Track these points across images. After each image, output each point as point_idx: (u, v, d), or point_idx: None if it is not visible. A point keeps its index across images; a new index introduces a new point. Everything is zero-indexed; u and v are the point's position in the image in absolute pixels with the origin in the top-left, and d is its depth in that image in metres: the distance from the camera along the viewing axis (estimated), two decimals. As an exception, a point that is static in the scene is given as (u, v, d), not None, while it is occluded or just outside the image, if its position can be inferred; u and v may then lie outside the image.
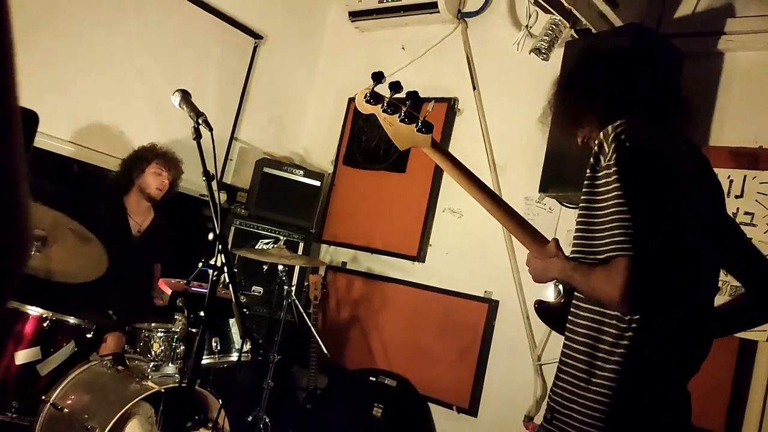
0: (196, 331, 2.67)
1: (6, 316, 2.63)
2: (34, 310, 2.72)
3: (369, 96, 1.75)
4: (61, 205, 2.87)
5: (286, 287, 3.57)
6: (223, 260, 1.97)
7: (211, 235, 1.98)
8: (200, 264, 2.32)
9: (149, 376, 2.70)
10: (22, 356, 2.66)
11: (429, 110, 1.71)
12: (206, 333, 2.02)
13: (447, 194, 3.87)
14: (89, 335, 2.86)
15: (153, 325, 2.86)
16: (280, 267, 3.51)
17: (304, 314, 3.68)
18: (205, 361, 2.88)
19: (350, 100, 4.44)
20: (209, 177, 2.01)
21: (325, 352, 3.63)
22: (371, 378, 3.75)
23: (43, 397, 2.65)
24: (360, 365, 3.94)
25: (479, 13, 3.97)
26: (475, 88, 3.90)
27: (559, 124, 1.69)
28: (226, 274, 1.99)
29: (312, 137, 4.71)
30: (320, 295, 3.93)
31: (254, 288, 3.92)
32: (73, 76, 3.50)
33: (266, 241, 3.96)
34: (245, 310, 3.14)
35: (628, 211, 1.28)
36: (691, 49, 2.98)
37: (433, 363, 3.69)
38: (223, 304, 2.17)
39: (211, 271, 1.96)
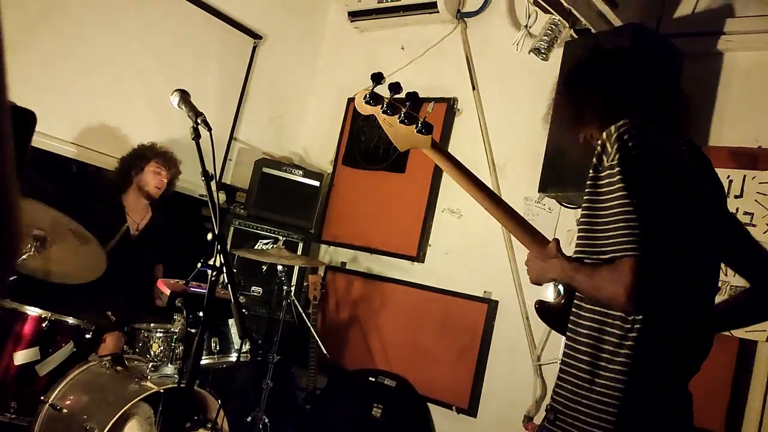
0: (195, 332, 2.68)
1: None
2: (33, 311, 2.71)
3: (368, 97, 1.74)
4: (61, 204, 2.87)
5: (285, 287, 3.56)
6: (222, 260, 1.96)
7: (210, 236, 1.97)
8: (199, 264, 2.31)
9: (148, 377, 2.70)
10: (20, 357, 2.66)
11: (429, 111, 1.71)
12: (205, 333, 2.02)
13: (446, 194, 3.87)
14: (88, 336, 2.86)
15: (152, 325, 2.85)
16: (279, 267, 3.51)
17: (303, 314, 3.68)
18: (204, 362, 2.88)
19: (350, 100, 4.44)
20: (208, 177, 2.01)
21: (325, 352, 3.63)
22: (370, 378, 3.75)
23: (42, 397, 2.65)
24: (359, 365, 3.93)
25: (479, 13, 3.97)
26: (474, 88, 3.90)
27: (560, 123, 1.69)
28: (225, 274, 1.98)
29: (311, 137, 4.71)
30: (319, 295, 3.92)
31: (253, 288, 3.91)
32: (73, 76, 3.49)
33: (265, 241, 3.96)
34: (244, 310, 3.14)
35: (633, 212, 1.28)
36: (691, 49, 2.98)
37: (433, 363, 3.69)
38: (222, 304, 2.17)
39: (210, 271, 1.96)
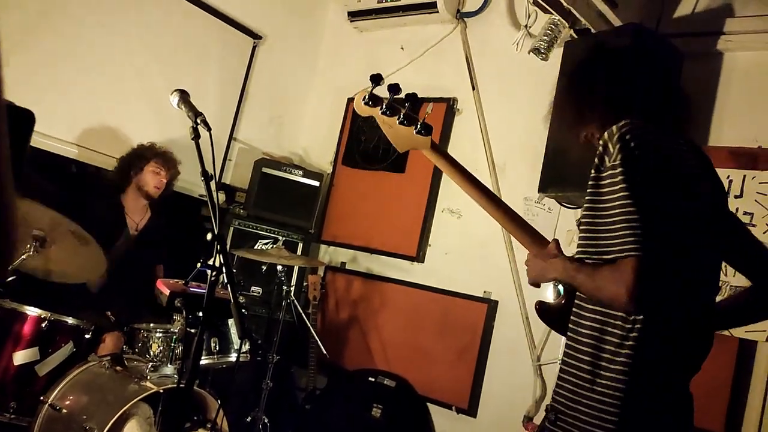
0: (195, 332, 2.68)
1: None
2: (33, 311, 2.71)
3: (368, 98, 1.74)
4: (60, 204, 2.86)
5: (285, 287, 3.56)
6: (222, 260, 1.96)
7: (209, 236, 1.97)
8: (198, 264, 2.31)
9: (148, 377, 2.70)
10: (20, 357, 2.66)
11: (428, 112, 1.71)
12: (205, 333, 2.02)
13: (446, 194, 3.87)
14: (88, 336, 2.85)
15: (152, 325, 2.85)
16: (279, 267, 3.50)
17: (303, 314, 3.68)
18: (203, 362, 2.88)
19: (349, 100, 4.44)
20: (207, 177, 2.01)
21: (324, 352, 3.63)
22: (370, 378, 3.75)
23: (42, 397, 2.64)
24: (359, 365, 3.93)
25: (478, 13, 3.97)
26: (474, 88, 3.89)
27: (561, 123, 1.69)
28: (224, 274, 1.98)
29: (311, 137, 4.70)
30: (319, 295, 3.92)
31: (253, 288, 3.91)
32: (73, 76, 3.49)
33: (265, 241, 3.95)
34: (244, 310, 3.15)
35: (635, 212, 1.28)
36: (691, 49, 2.98)
37: (433, 363, 3.68)
38: (222, 304, 2.17)
39: (209, 271, 1.95)
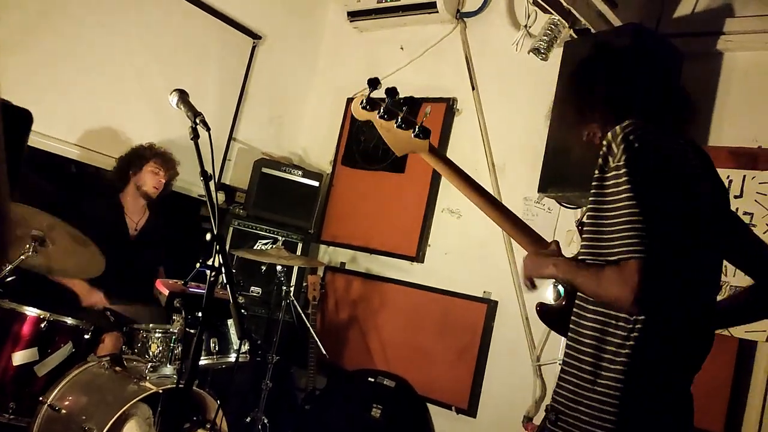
0: (194, 332, 2.67)
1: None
2: (32, 311, 2.71)
3: (365, 102, 1.74)
4: (60, 204, 2.86)
5: (284, 288, 3.56)
6: (221, 261, 1.96)
7: (208, 236, 1.97)
8: (198, 264, 2.31)
9: (147, 377, 2.69)
10: (19, 357, 2.65)
11: (426, 115, 1.72)
12: (204, 334, 2.01)
13: (446, 194, 3.87)
14: (87, 336, 2.85)
15: (151, 325, 2.84)
16: (278, 267, 3.50)
17: (302, 315, 3.68)
18: (203, 362, 2.87)
19: (349, 100, 4.44)
20: (207, 177, 2.00)
21: (324, 352, 3.62)
22: (370, 378, 3.74)
23: (41, 398, 2.64)
24: (358, 366, 3.93)
25: (478, 13, 3.97)
26: (474, 88, 3.89)
27: (562, 121, 1.69)
28: (223, 274, 1.98)
29: (311, 137, 4.70)
30: (319, 295, 3.92)
31: (253, 288, 3.91)
32: (73, 76, 3.49)
33: (265, 241, 3.95)
34: (243, 310, 3.14)
35: (639, 213, 1.28)
36: (691, 49, 2.98)
37: (432, 363, 3.68)
38: (221, 304, 2.17)
39: (208, 271, 1.95)
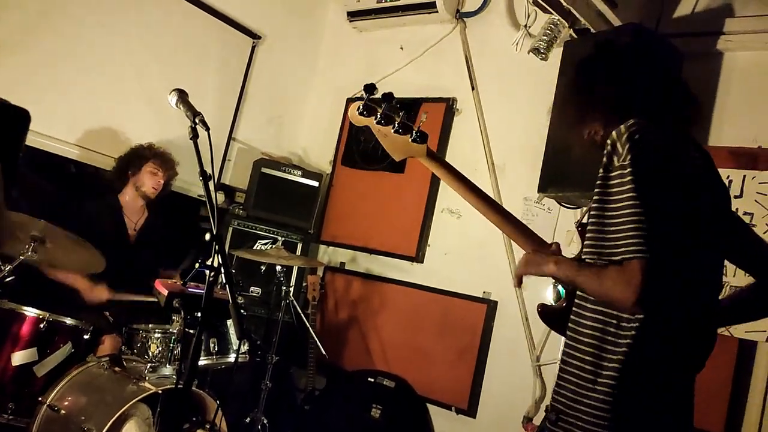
0: (193, 332, 2.67)
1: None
2: (31, 311, 2.71)
3: (362, 108, 1.74)
4: (59, 205, 2.85)
5: (284, 288, 3.55)
6: (220, 261, 1.95)
7: (207, 236, 1.96)
8: (197, 264, 2.30)
9: (146, 378, 2.70)
10: (18, 357, 2.65)
11: (423, 120, 1.73)
12: (203, 334, 2.01)
13: (445, 194, 3.86)
14: (86, 336, 2.85)
15: (150, 326, 2.84)
16: (278, 268, 3.50)
17: (302, 315, 3.67)
18: (202, 362, 2.87)
19: (349, 100, 4.43)
20: (206, 177, 2.00)
21: (323, 353, 3.62)
22: (369, 379, 3.74)
23: (40, 398, 2.65)
24: (358, 366, 3.93)
25: (478, 13, 3.97)
26: (473, 88, 3.89)
27: (564, 120, 1.69)
28: (223, 274, 1.97)
29: (310, 137, 4.70)
30: (318, 295, 3.92)
31: (252, 289, 3.91)
32: (73, 76, 3.49)
33: (264, 241, 3.94)
34: (243, 310, 3.13)
35: (643, 213, 1.28)
36: (691, 49, 2.97)
37: (432, 364, 3.68)
38: (221, 304, 2.16)
39: (207, 271, 1.95)
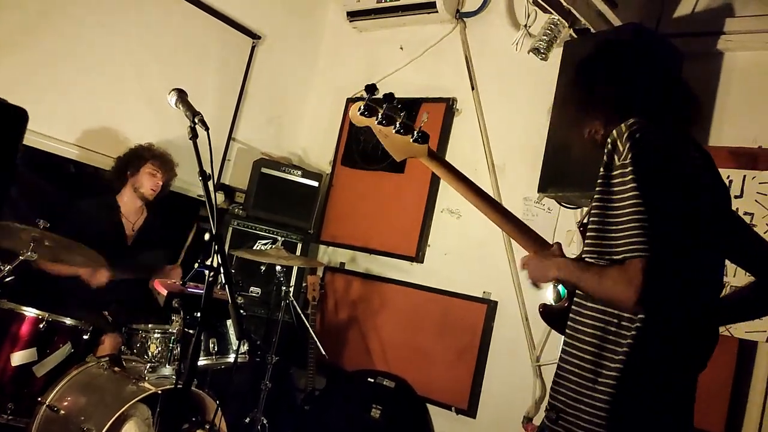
0: (193, 332, 2.67)
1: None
2: (30, 311, 2.71)
3: (363, 108, 1.74)
4: (58, 205, 2.85)
5: (284, 288, 3.55)
6: (219, 261, 1.95)
7: (207, 236, 1.96)
8: (196, 264, 2.30)
9: (146, 378, 2.69)
10: (18, 358, 2.66)
11: (424, 120, 1.72)
12: (203, 334, 2.01)
13: (445, 195, 3.86)
14: (86, 336, 2.85)
15: (150, 326, 2.84)
16: (278, 268, 3.49)
17: (302, 315, 3.67)
18: (202, 362, 2.87)
19: (349, 100, 4.43)
20: (206, 177, 2.00)
21: (323, 353, 3.62)
22: (369, 379, 3.74)
23: (39, 398, 2.65)
24: (358, 366, 3.92)
25: (478, 13, 3.96)
26: (473, 88, 3.89)
27: (564, 118, 1.69)
28: (222, 274, 1.97)
29: (310, 137, 4.70)
30: (318, 296, 3.92)
31: (252, 289, 3.90)
32: (73, 76, 3.48)
33: (264, 241, 3.94)
34: (242, 310, 3.13)
35: (645, 212, 1.28)
36: (691, 49, 2.97)
37: (432, 364, 3.68)
38: (220, 305, 2.16)
39: (207, 271, 1.94)
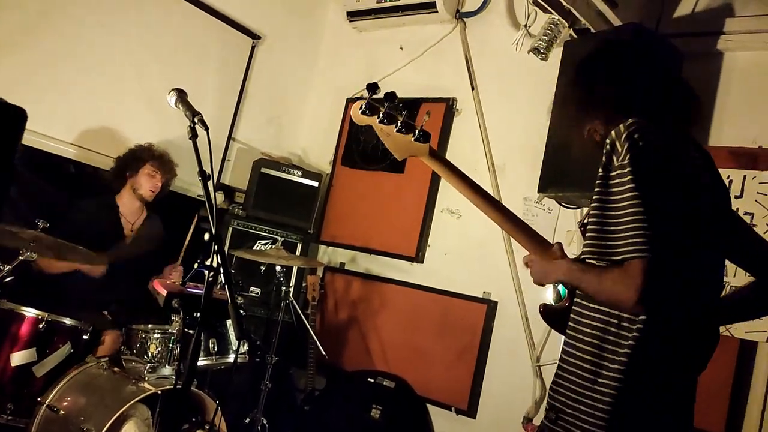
0: (192, 333, 2.67)
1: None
2: (30, 312, 2.71)
3: (365, 107, 1.73)
4: (56, 205, 2.84)
5: (283, 288, 3.55)
6: (219, 261, 1.95)
7: (206, 236, 1.96)
8: (196, 265, 2.30)
9: (146, 378, 2.69)
10: (17, 358, 2.65)
11: (426, 119, 1.71)
12: (202, 334, 2.01)
13: (445, 195, 3.86)
14: (85, 336, 2.85)
15: (149, 326, 2.84)
16: (277, 268, 3.49)
17: (301, 315, 3.67)
18: (202, 363, 2.87)
19: (348, 100, 4.43)
20: (205, 177, 2.00)
21: (323, 353, 3.61)
22: (369, 379, 3.74)
23: (39, 398, 2.64)
24: (358, 366, 3.92)
25: (478, 13, 3.96)
26: (473, 88, 3.89)
27: (564, 118, 1.69)
28: (222, 275, 1.97)
29: (310, 137, 4.70)
30: (318, 296, 3.91)
31: (252, 289, 3.90)
32: (73, 76, 3.48)
33: (264, 241, 3.94)
34: (242, 311, 3.13)
35: (643, 212, 1.28)
36: (691, 49, 2.97)
37: (432, 364, 3.67)
38: (220, 305, 2.16)
39: (206, 271, 1.94)
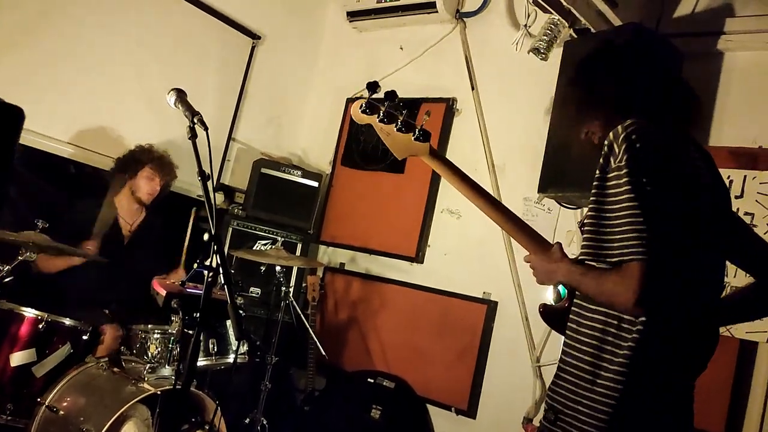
0: (192, 333, 2.66)
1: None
2: (30, 312, 2.70)
3: (365, 106, 1.73)
4: (55, 205, 2.84)
5: (283, 288, 3.55)
6: (219, 261, 1.95)
7: (206, 236, 1.96)
8: (195, 265, 2.30)
9: (145, 378, 2.69)
10: (17, 358, 2.65)
11: (426, 118, 1.71)
12: (202, 334, 2.00)
13: (445, 195, 3.86)
14: (85, 337, 2.85)
15: (149, 326, 2.84)
16: (277, 268, 3.49)
17: (301, 315, 3.67)
18: (202, 363, 2.87)
19: (348, 100, 4.43)
20: (205, 177, 2.00)
21: (323, 353, 3.61)
22: (369, 380, 3.73)
23: (39, 399, 2.64)
24: (358, 367, 3.92)
25: (478, 13, 3.96)
26: (473, 88, 3.88)
27: (563, 119, 1.69)
28: (222, 275, 1.97)
29: (310, 138, 4.69)
30: (318, 296, 3.91)
31: (252, 289, 3.90)
32: (72, 76, 3.48)
33: (264, 242, 3.94)
34: (242, 311, 3.13)
35: (641, 214, 1.28)
36: (691, 49, 2.97)
37: (432, 364, 3.67)
38: (220, 305, 2.16)
39: (206, 272, 1.94)
